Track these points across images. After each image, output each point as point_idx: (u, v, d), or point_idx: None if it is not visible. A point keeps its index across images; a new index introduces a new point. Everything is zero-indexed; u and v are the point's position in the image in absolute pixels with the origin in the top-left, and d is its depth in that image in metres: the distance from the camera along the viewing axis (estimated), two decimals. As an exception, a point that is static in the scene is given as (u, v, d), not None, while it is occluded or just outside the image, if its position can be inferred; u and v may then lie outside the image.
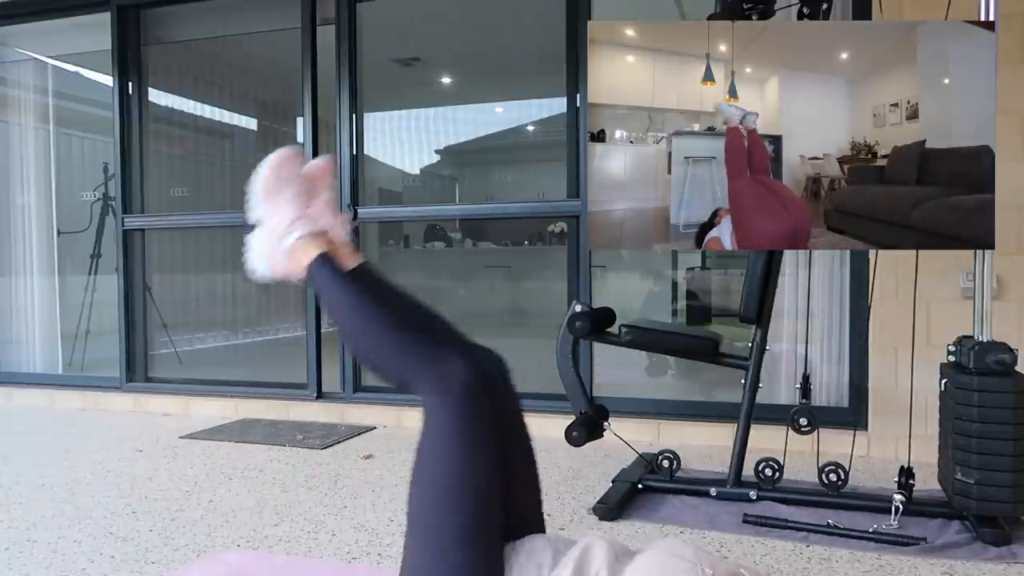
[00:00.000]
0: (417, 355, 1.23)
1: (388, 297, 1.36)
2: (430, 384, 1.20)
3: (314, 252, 1.37)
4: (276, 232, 1.40)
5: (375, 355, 1.29)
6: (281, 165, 1.42)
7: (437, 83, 5.12)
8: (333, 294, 1.33)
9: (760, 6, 2.23)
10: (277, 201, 1.41)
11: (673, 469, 2.39)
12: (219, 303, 5.52)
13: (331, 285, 1.34)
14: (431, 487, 1.17)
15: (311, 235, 1.39)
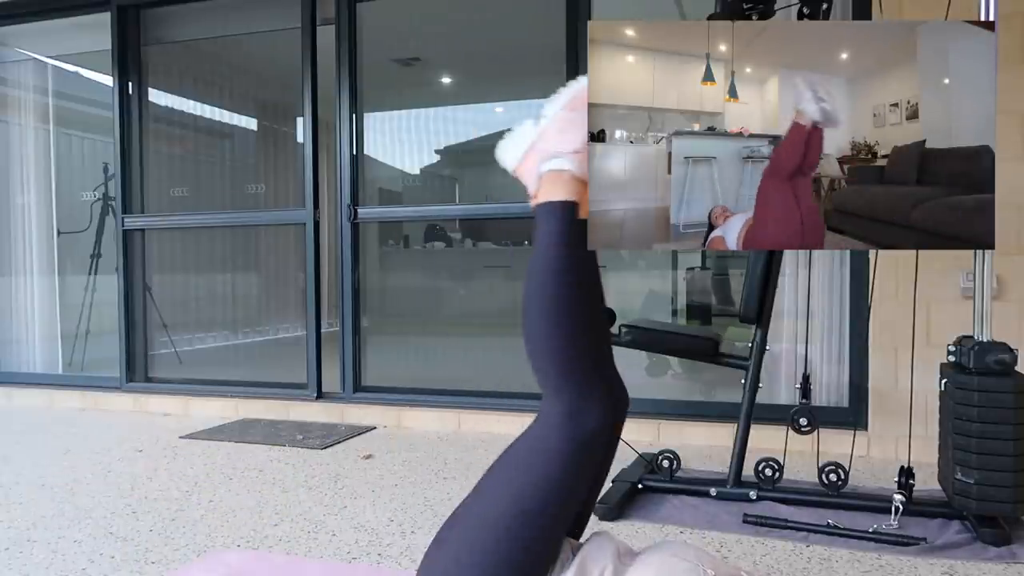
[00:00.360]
0: (576, 368, 1.14)
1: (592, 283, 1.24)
2: (565, 405, 1.12)
3: (566, 195, 1.24)
4: (551, 146, 1.27)
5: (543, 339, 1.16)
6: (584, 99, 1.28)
7: (437, 83, 5.12)
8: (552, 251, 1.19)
9: (760, 6, 2.24)
10: (580, 119, 1.29)
11: (673, 469, 2.39)
12: (219, 303, 5.51)
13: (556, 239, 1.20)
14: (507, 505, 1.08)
15: (577, 178, 1.26)
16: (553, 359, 1.15)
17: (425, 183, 5.27)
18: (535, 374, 1.18)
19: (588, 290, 1.21)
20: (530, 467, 1.10)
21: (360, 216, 3.75)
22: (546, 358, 1.15)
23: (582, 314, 1.17)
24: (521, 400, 3.44)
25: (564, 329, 1.15)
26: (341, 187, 3.75)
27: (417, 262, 5.01)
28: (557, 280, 1.16)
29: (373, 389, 3.75)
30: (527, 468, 1.10)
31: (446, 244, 4.83)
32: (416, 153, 4.95)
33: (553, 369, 1.15)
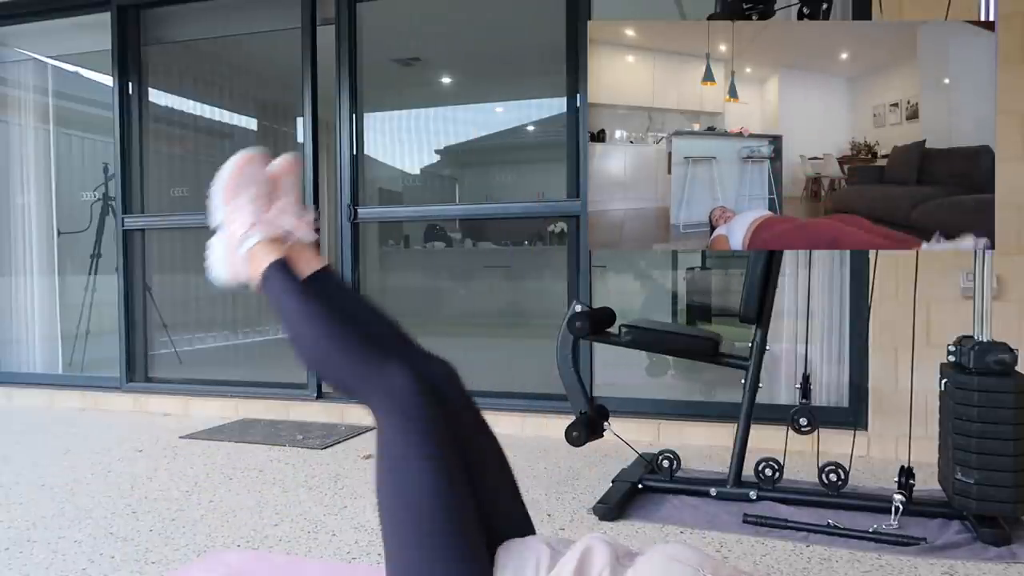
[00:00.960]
0: (365, 368, 1.22)
1: (341, 304, 1.35)
2: (377, 398, 1.20)
3: (270, 258, 1.35)
4: (234, 237, 1.39)
5: (323, 366, 1.29)
6: (242, 167, 1.41)
7: (437, 83, 5.12)
8: (283, 302, 1.31)
9: (760, 6, 2.23)
10: (237, 204, 1.40)
11: (673, 469, 2.39)
12: (219, 303, 5.51)
13: (282, 293, 1.32)
14: (398, 505, 1.14)
15: (268, 240, 1.38)
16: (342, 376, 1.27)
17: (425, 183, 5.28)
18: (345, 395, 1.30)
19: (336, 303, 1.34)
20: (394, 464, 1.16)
21: (360, 216, 3.75)
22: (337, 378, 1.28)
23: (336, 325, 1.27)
24: (521, 400, 3.44)
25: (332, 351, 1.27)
26: (341, 187, 3.75)
27: (417, 262, 5.01)
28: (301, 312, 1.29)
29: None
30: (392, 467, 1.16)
31: (446, 244, 4.84)
32: (416, 153, 4.96)
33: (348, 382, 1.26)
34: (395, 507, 1.14)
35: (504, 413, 3.39)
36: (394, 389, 1.18)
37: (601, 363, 3.39)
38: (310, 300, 1.30)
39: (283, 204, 1.43)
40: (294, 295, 1.31)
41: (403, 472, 1.14)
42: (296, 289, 1.32)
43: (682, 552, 1.11)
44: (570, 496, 2.42)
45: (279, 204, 1.43)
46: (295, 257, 1.38)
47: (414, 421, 1.16)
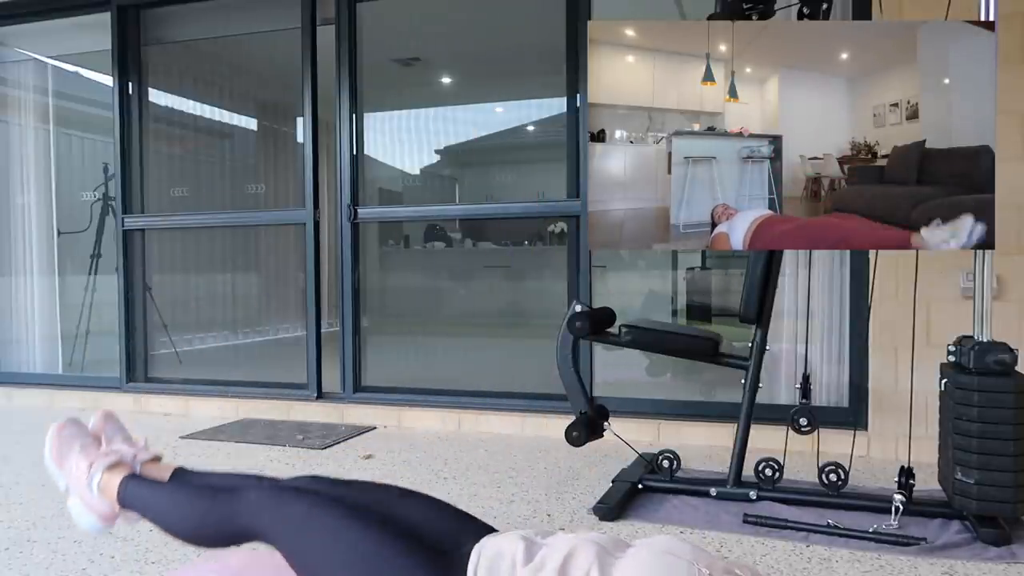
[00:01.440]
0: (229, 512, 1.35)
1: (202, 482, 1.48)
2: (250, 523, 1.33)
3: (119, 478, 1.48)
4: (81, 483, 1.50)
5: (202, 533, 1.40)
6: (59, 432, 1.55)
7: (437, 83, 5.12)
8: (148, 503, 1.45)
9: (760, 6, 2.23)
10: (69, 459, 1.53)
11: (673, 469, 2.39)
12: (219, 303, 5.51)
13: (142, 497, 1.45)
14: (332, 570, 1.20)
15: (111, 466, 1.50)
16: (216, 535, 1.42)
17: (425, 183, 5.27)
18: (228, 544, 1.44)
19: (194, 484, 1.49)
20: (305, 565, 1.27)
21: (360, 216, 3.75)
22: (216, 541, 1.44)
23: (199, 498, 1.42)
24: (521, 400, 3.44)
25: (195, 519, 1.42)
26: (341, 187, 3.75)
27: (417, 262, 5.01)
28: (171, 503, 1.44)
29: (373, 389, 3.75)
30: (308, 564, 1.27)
31: (446, 244, 4.83)
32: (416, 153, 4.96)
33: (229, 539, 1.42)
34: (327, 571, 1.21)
35: (504, 413, 3.39)
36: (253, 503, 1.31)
37: (601, 363, 3.39)
38: (169, 490, 1.46)
39: (112, 442, 1.57)
40: (153, 494, 1.46)
41: (311, 549, 1.23)
42: (152, 488, 1.47)
43: (676, 545, 1.09)
44: (570, 496, 2.42)
45: (107, 443, 1.57)
46: (147, 472, 1.52)
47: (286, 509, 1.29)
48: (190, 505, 1.40)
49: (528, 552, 1.11)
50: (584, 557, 1.08)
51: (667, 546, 1.10)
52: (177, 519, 1.42)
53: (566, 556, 1.08)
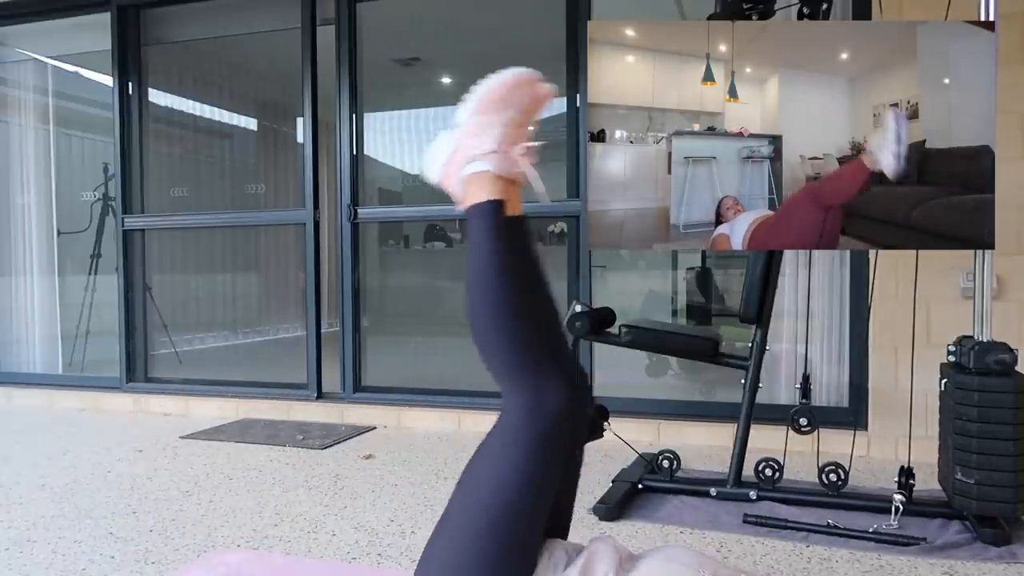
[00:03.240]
0: (529, 358, 1.16)
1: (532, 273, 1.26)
2: (524, 395, 1.13)
3: (490, 195, 1.24)
4: (469, 150, 1.26)
5: (493, 332, 1.19)
6: (519, 85, 1.26)
7: (437, 83, 5.12)
8: (486, 246, 1.23)
9: (760, 6, 2.24)
10: (490, 120, 1.25)
11: (673, 469, 2.39)
12: (219, 303, 5.51)
13: (489, 235, 1.23)
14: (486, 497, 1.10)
15: (498, 176, 1.25)
16: (506, 354, 1.17)
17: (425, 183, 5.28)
18: (491, 372, 1.20)
19: (530, 282, 1.24)
20: (501, 462, 1.11)
21: (360, 216, 3.75)
22: (499, 354, 1.18)
23: (527, 305, 1.20)
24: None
25: (512, 322, 1.18)
26: (341, 187, 3.75)
27: (417, 262, 5.01)
28: (498, 275, 1.21)
29: (373, 389, 3.75)
30: (499, 463, 1.12)
31: (446, 244, 4.83)
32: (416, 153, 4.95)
33: (506, 364, 1.17)
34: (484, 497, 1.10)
35: (504, 413, 3.39)
36: (548, 398, 1.13)
37: (601, 363, 3.39)
38: (514, 257, 1.23)
39: (526, 146, 1.28)
40: (501, 245, 1.22)
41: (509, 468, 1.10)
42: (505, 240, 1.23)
43: (681, 553, 1.12)
44: (570, 496, 2.42)
45: (524, 143, 1.28)
46: (509, 199, 1.26)
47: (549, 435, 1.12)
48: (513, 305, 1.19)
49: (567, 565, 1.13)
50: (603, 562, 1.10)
51: (673, 554, 1.12)
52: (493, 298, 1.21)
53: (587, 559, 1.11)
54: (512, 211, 1.25)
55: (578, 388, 1.19)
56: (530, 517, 1.11)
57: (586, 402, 1.23)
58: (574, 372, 1.22)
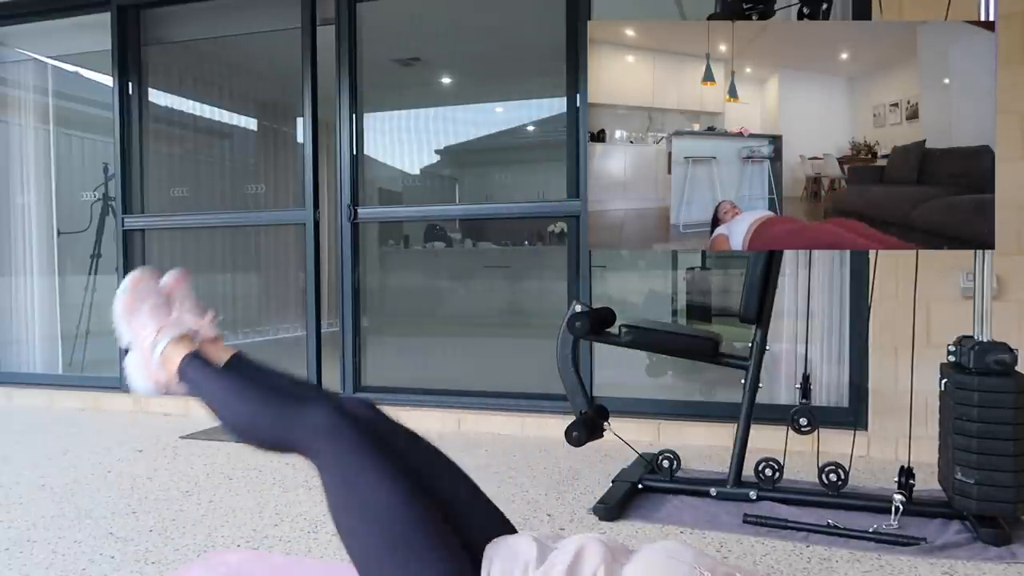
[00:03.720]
0: (288, 420, 1.31)
1: (258, 377, 1.48)
2: (306, 440, 1.27)
3: (183, 354, 1.47)
4: (145, 346, 1.50)
5: (252, 433, 1.37)
6: (135, 284, 1.54)
7: (437, 83, 5.12)
8: (203, 387, 1.43)
9: (760, 6, 2.23)
10: (139, 318, 1.52)
11: (673, 469, 2.39)
12: (219, 303, 5.51)
13: (201, 380, 1.44)
14: (362, 526, 1.17)
15: (177, 339, 1.49)
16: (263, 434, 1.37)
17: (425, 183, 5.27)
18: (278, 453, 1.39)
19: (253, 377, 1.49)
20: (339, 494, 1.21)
21: (360, 216, 3.75)
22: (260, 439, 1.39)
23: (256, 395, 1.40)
24: (521, 400, 3.44)
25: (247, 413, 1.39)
26: (341, 187, 3.75)
27: (417, 262, 5.01)
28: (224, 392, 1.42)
29: (373, 389, 3.75)
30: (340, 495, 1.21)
31: (446, 244, 4.83)
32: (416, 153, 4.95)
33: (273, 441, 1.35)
34: (359, 528, 1.18)
35: (504, 413, 3.39)
36: (317, 423, 1.26)
37: (601, 363, 3.39)
38: (227, 379, 1.44)
39: (182, 308, 1.57)
40: (211, 378, 1.44)
41: (355, 492, 1.19)
42: (212, 372, 1.45)
43: (679, 549, 1.11)
44: (570, 496, 2.42)
45: (178, 309, 1.57)
46: (206, 352, 1.51)
47: (345, 443, 1.23)
48: (249, 401, 1.38)
49: (541, 554, 1.12)
50: (592, 558, 1.09)
51: (670, 550, 1.12)
52: (232, 411, 1.39)
53: (575, 556, 1.10)
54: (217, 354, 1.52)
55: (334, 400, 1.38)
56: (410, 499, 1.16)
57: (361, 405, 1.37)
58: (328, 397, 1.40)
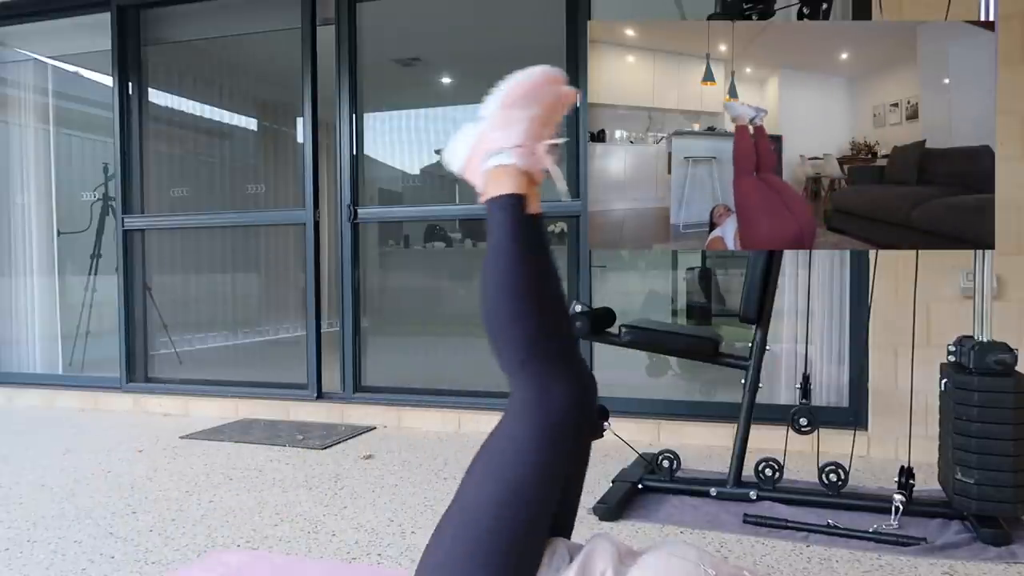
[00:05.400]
0: (540, 348, 1.15)
1: (548, 269, 1.25)
2: (534, 385, 1.13)
3: (512, 188, 1.24)
4: (493, 144, 1.27)
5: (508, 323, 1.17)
6: (544, 83, 1.27)
7: (437, 83, 5.12)
8: (505, 239, 1.21)
9: (760, 6, 2.24)
10: (515, 116, 1.27)
11: (673, 469, 2.39)
12: (219, 303, 5.51)
13: (509, 228, 1.21)
14: (492, 493, 1.09)
15: (522, 171, 1.25)
16: (519, 339, 1.16)
17: (425, 183, 5.27)
18: (499, 361, 1.18)
19: (546, 277, 1.23)
20: (507, 456, 1.11)
21: (360, 216, 3.75)
22: (512, 340, 1.16)
23: (543, 298, 1.19)
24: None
25: (527, 313, 1.16)
26: (341, 187, 3.75)
27: (417, 262, 5.01)
28: (517, 265, 1.19)
29: (373, 389, 3.75)
30: (505, 457, 1.11)
31: (446, 244, 4.83)
32: (416, 153, 4.95)
33: (518, 351, 1.15)
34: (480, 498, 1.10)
35: (504, 413, 3.39)
36: (560, 394, 1.12)
37: (601, 363, 3.39)
38: (532, 252, 1.22)
39: (549, 143, 1.30)
40: (520, 239, 1.21)
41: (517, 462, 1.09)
42: (524, 235, 1.22)
43: (682, 549, 1.12)
44: (570, 496, 2.42)
45: (546, 140, 1.30)
46: (530, 199, 1.27)
47: (550, 434, 1.11)
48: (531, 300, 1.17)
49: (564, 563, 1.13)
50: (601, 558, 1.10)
51: (674, 550, 1.13)
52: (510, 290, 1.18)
53: (585, 556, 1.11)
54: (532, 208, 1.25)
55: (587, 387, 1.19)
56: (535, 513, 1.10)
57: (594, 401, 1.22)
58: (583, 371, 1.21)
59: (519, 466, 1.09)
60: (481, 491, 1.11)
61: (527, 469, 1.09)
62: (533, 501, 1.09)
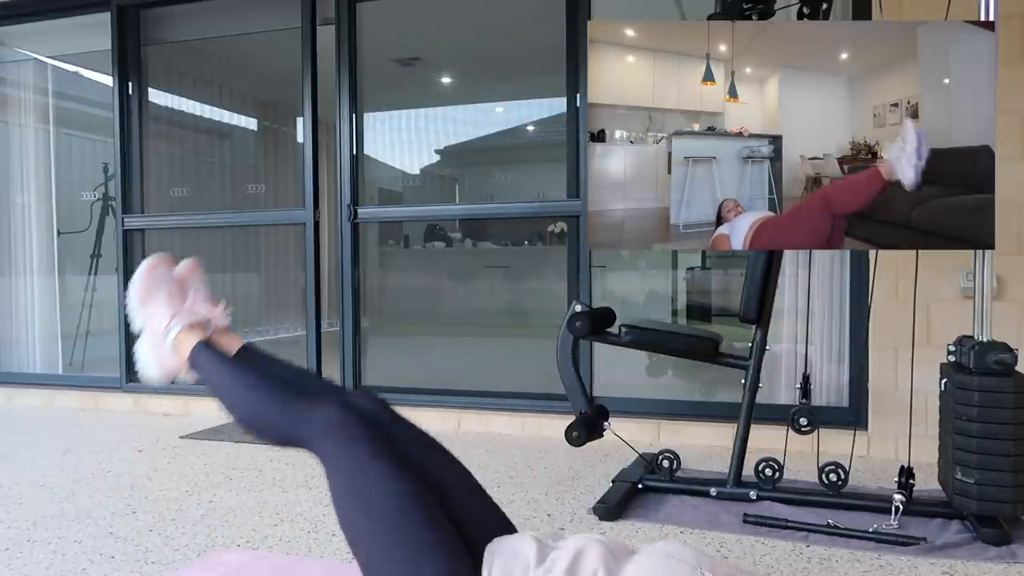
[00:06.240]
0: (295, 415, 1.32)
1: (267, 370, 1.48)
2: (314, 436, 1.28)
3: (194, 341, 1.48)
4: (158, 332, 1.52)
5: (260, 426, 1.40)
6: (151, 270, 1.54)
7: (437, 83, 5.11)
8: (213, 377, 1.46)
9: (760, 6, 2.24)
10: (153, 304, 1.53)
11: (673, 469, 2.39)
12: (219, 303, 5.51)
13: (212, 368, 1.46)
14: (366, 520, 1.18)
15: (189, 326, 1.51)
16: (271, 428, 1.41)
17: (425, 183, 5.27)
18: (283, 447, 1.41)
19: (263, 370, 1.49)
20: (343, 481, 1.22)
21: (360, 216, 3.75)
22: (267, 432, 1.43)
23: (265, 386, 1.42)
24: (521, 400, 3.44)
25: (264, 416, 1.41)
26: (341, 187, 3.75)
27: (417, 262, 5.01)
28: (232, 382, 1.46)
29: (373, 389, 3.75)
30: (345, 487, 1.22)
31: (446, 244, 4.83)
32: (416, 153, 4.95)
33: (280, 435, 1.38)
34: (364, 526, 1.18)
35: (504, 413, 3.39)
36: (326, 421, 1.27)
37: (601, 363, 3.39)
38: (237, 369, 1.46)
39: (195, 297, 1.57)
40: (222, 368, 1.46)
41: (361, 486, 1.19)
42: (223, 362, 1.47)
43: (679, 550, 1.11)
44: (570, 496, 2.42)
45: (192, 297, 1.57)
46: (217, 340, 1.52)
47: (353, 439, 1.24)
48: (256, 392, 1.40)
49: (540, 554, 1.12)
50: (592, 558, 1.09)
51: (670, 550, 1.12)
52: (241, 403, 1.43)
53: (575, 556, 1.10)
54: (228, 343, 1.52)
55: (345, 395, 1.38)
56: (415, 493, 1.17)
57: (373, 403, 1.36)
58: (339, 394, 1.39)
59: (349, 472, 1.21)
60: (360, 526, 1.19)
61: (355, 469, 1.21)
62: (392, 493, 1.17)
